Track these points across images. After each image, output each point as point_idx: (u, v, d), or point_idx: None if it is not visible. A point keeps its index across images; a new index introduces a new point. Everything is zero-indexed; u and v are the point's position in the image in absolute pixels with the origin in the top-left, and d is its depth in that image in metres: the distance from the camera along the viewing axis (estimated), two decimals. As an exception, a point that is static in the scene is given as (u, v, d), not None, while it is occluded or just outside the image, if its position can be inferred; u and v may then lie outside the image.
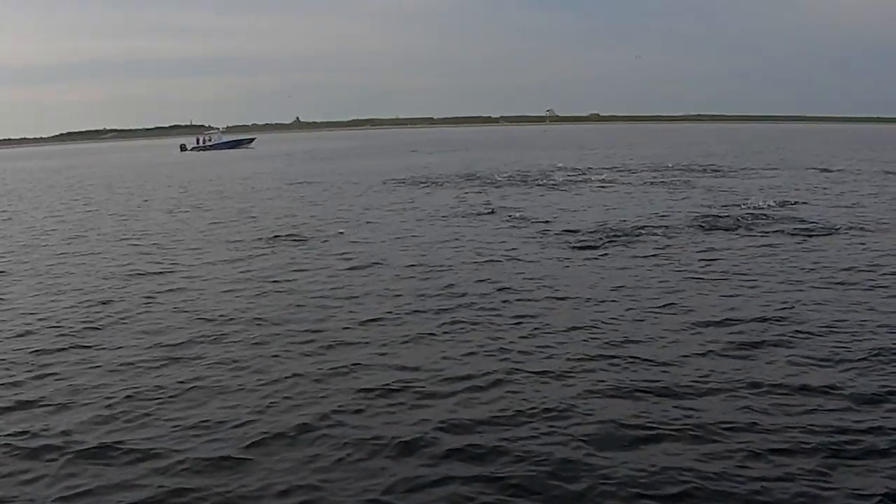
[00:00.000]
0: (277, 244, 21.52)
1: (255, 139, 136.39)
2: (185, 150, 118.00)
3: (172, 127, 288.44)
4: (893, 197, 31.12)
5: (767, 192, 32.95)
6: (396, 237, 22.29)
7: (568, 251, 19.22)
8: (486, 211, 27.51)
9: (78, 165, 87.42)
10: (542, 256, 18.62)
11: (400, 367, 10.66)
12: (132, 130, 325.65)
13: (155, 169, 70.48)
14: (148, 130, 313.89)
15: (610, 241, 20.44)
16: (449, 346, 11.61)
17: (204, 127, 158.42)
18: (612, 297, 14.42)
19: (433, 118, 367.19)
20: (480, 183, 39.93)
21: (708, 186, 36.14)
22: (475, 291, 14.95)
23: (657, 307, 13.57)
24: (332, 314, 13.64)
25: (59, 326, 13.42)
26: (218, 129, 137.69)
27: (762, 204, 27.62)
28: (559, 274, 16.49)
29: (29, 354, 11.82)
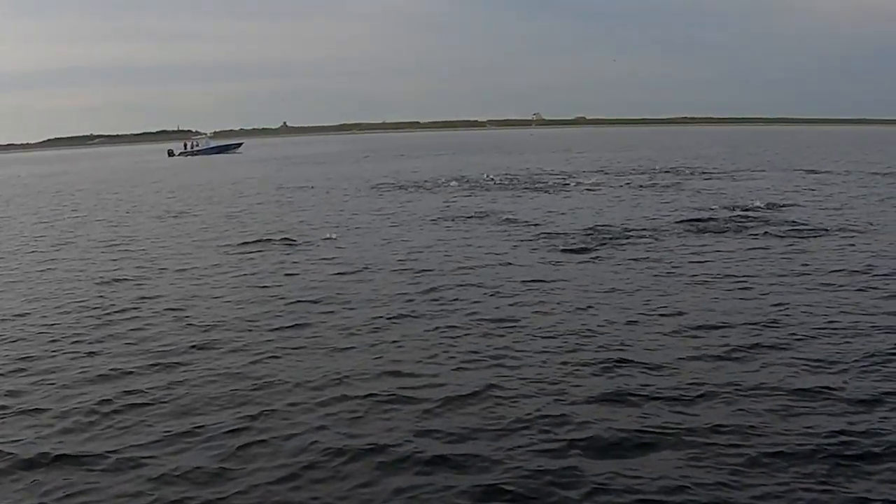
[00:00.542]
0: (266, 249, 21.40)
1: (242, 144, 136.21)
2: (172, 155, 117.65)
3: (160, 132, 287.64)
4: (881, 198, 31.26)
5: (756, 193, 33.04)
6: (386, 241, 22.21)
7: (558, 254, 19.16)
8: (475, 214, 27.45)
9: (66, 171, 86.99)
10: (532, 260, 18.55)
11: (392, 373, 10.55)
12: (119, 136, 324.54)
13: (143, 174, 70.19)
14: (135, 136, 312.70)
15: (600, 244, 20.40)
16: (441, 351, 11.51)
17: (191, 132, 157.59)
18: (604, 300, 14.35)
19: (420, 122, 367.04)
20: (469, 186, 39.91)
21: (697, 189, 36.22)
22: (466, 296, 14.87)
23: (650, 311, 13.51)
24: (322, 320, 13.53)
25: (48, 333, 13.29)
26: (205, 134, 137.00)
27: (751, 206, 27.69)
28: (550, 278, 16.39)
29: (18, 361, 11.69)
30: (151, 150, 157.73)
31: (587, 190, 37.40)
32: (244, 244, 22.34)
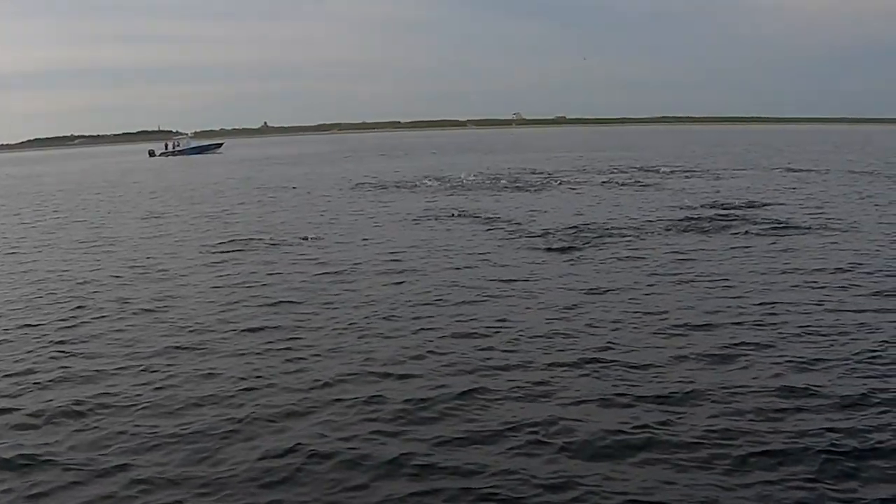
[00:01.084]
0: (249, 249, 21.28)
1: (223, 144, 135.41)
2: (153, 155, 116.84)
3: (140, 132, 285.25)
4: (861, 196, 31.49)
5: (737, 192, 33.23)
6: (368, 241, 22.12)
7: (541, 254, 19.18)
8: (457, 214, 27.42)
9: (47, 172, 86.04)
10: (515, 260, 18.55)
11: (377, 375, 10.47)
12: (100, 136, 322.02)
13: (124, 175, 69.56)
14: (116, 136, 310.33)
15: (584, 242, 20.43)
16: (425, 352, 11.45)
17: (172, 132, 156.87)
18: (588, 300, 14.36)
19: (400, 122, 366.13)
20: (450, 186, 39.87)
21: (678, 188, 36.34)
22: (450, 297, 14.82)
23: (635, 310, 13.52)
24: (305, 321, 13.45)
25: (32, 335, 13.15)
26: (187, 134, 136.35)
27: (733, 204, 27.82)
28: (534, 277, 16.39)
29: (1, 363, 11.57)
30: (132, 150, 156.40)
31: (569, 189, 37.48)
32: (226, 245, 22.20)
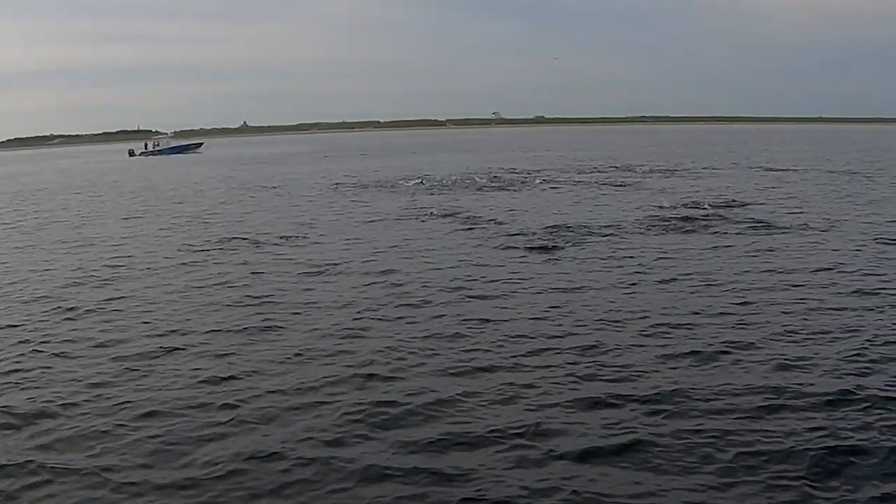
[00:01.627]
0: (231, 249, 21.12)
1: (203, 143, 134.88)
2: (133, 155, 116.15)
3: (120, 132, 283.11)
4: (840, 196, 31.72)
5: (717, 191, 33.40)
6: (350, 241, 22.02)
7: (524, 254, 19.14)
8: (438, 213, 27.40)
9: (26, 172, 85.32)
10: (497, 259, 18.51)
11: (361, 378, 10.35)
12: (79, 136, 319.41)
13: (104, 175, 68.97)
14: (95, 136, 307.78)
15: (566, 242, 20.44)
16: (408, 353, 11.37)
17: (151, 132, 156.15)
18: (572, 300, 14.32)
19: (380, 122, 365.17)
20: (431, 185, 39.83)
21: (658, 187, 36.49)
22: (433, 298, 14.73)
23: (618, 311, 13.49)
24: (289, 322, 13.33)
25: (11, 336, 13.02)
26: (166, 133, 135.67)
27: (713, 203, 27.92)
28: (517, 278, 16.33)
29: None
30: (112, 150, 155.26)
31: (550, 188, 37.54)
32: (207, 244, 22.06)
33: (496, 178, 43.57)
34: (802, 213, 25.70)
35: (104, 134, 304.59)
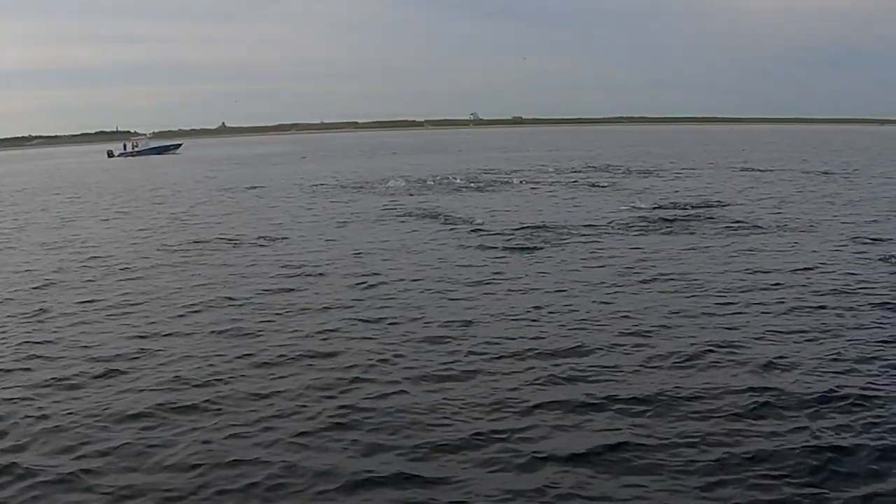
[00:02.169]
0: (210, 251, 20.99)
1: (181, 144, 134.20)
2: (112, 156, 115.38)
3: (98, 133, 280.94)
4: (818, 196, 31.94)
5: (696, 192, 33.57)
6: (330, 242, 21.97)
7: (503, 254, 19.12)
8: (418, 214, 27.37)
9: (4, 173, 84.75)
10: (478, 260, 18.49)
11: (344, 382, 10.26)
12: (58, 137, 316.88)
13: (84, 176, 68.46)
14: (74, 137, 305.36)
15: (545, 242, 20.49)
16: (392, 355, 11.30)
17: (130, 133, 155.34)
18: (553, 302, 14.30)
19: (358, 122, 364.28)
20: (410, 186, 39.77)
21: (637, 187, 36.64)
22: (413, 300, 14.70)
23: (599, 312, 13.50)
24: (268, 324, 13.24)
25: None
26: (145, 134, 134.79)
27: (692, 204, 28.06)
28: (497, 279, 16.32)
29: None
30: (91, 150, 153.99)
31: (528, 189, 37.56)
32: (188, 246, 21.91)
33: (475, 178, 43.56)
34: (781, 213, 25.86)
35: (83, 135, 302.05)
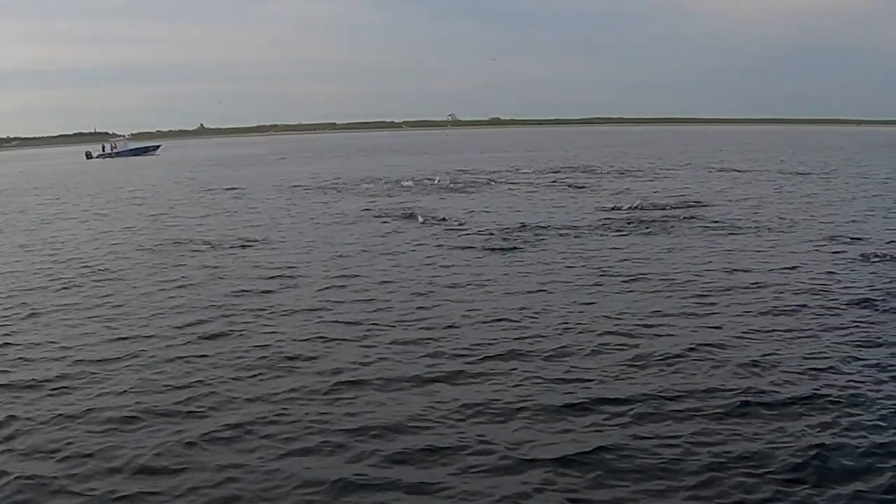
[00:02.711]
0: (191, 253, 20.84)
1: (160, 146, 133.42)
2: (90, 157, 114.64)
3: (76, 134, 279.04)
4: (796, 196, 32.26)
5: (675, 192, 33.73)
6: (310, 244, 21.87)
7: (484, 256, 19.13)
8: (397, 215, 27.33)
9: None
10: (458, 261, 18.50)
11: (329, 386, 10.19)
12: (36, 138, 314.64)
13: (62, 177, 67.90)
14: (52, 138, 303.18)
15: (525, 242, 20.55)
16: (376, 358, 11.26)
17: (108, 134, 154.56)
18: (534, 303, 14.29)
19: (336, 123, 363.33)
20: (389, 187, 39.76)
21: (616, 188, 36.81)
22: (395, 303, 14.62)
23: (580, 312, 13.54)
24: (249, 327, 13.15)
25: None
26: (124, 135, 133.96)
27: (671, 205, 28.18)
28: (478, 280, 16.30)
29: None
30: (69, 152, 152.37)
31: (507, 190, 37.61)
32: (168, 247, 21.78)
33: (454, 179, 43.55)
34: (759, 214, 26.04)
35: (61, 136, 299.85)
